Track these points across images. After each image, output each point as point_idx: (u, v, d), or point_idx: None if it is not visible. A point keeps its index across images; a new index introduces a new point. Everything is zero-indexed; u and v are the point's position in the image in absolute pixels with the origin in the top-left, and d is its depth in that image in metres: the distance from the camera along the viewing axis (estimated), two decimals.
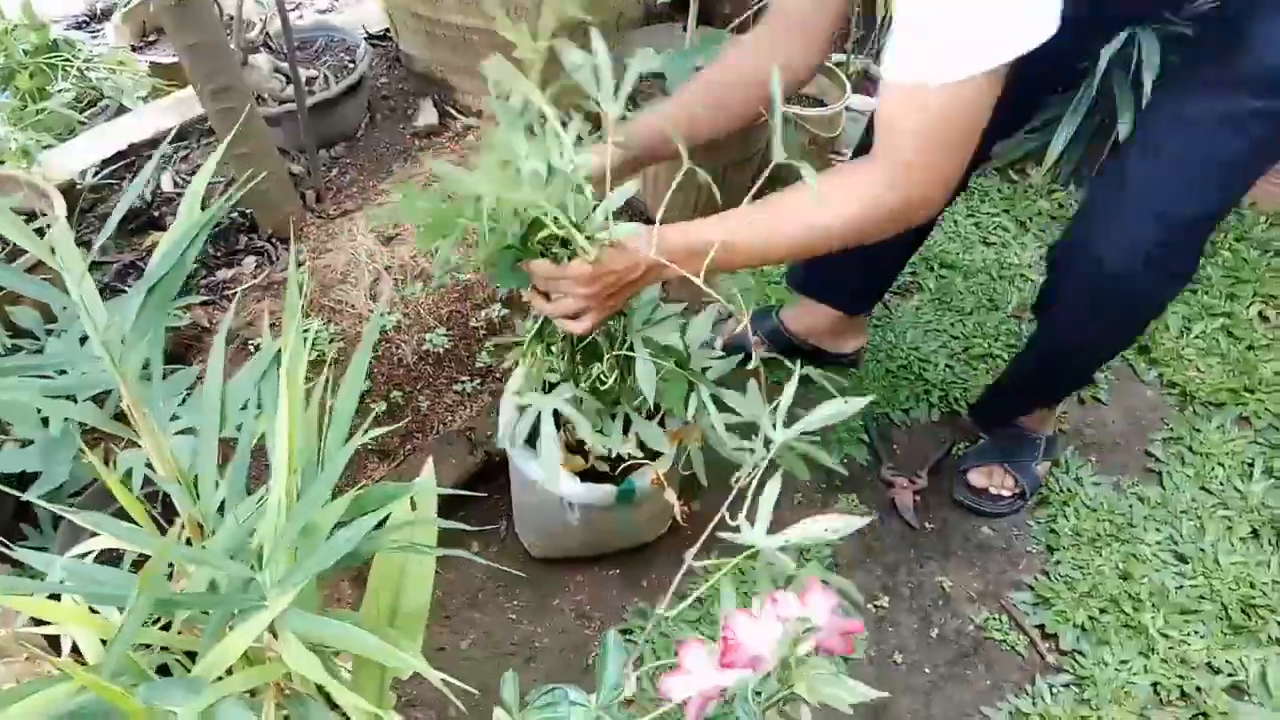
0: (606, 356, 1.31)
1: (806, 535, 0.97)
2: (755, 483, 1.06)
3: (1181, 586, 1.59)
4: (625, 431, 1.43)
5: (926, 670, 1.50)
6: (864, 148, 1.31)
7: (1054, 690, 1.47)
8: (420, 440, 1.65)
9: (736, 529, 1.01)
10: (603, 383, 1.32)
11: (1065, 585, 1.60)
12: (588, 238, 1.07)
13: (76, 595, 0.78)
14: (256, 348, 1.66)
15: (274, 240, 1.92)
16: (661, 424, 1.42)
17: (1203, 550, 1.64)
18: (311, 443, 0.76)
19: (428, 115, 2.24)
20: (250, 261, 1.89)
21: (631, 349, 1.26)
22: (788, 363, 1.20)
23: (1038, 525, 1.70)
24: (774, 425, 1.09)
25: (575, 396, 1.34)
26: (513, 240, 1.08)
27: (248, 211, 1.97)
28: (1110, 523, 1.68)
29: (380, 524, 0.91)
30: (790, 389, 1.11)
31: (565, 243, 1.08)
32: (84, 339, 1.29)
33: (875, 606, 1.58)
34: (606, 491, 1.39)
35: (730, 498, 1.09)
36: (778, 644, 0.66)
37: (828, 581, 0.72)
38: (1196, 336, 2.01)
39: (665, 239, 1.07)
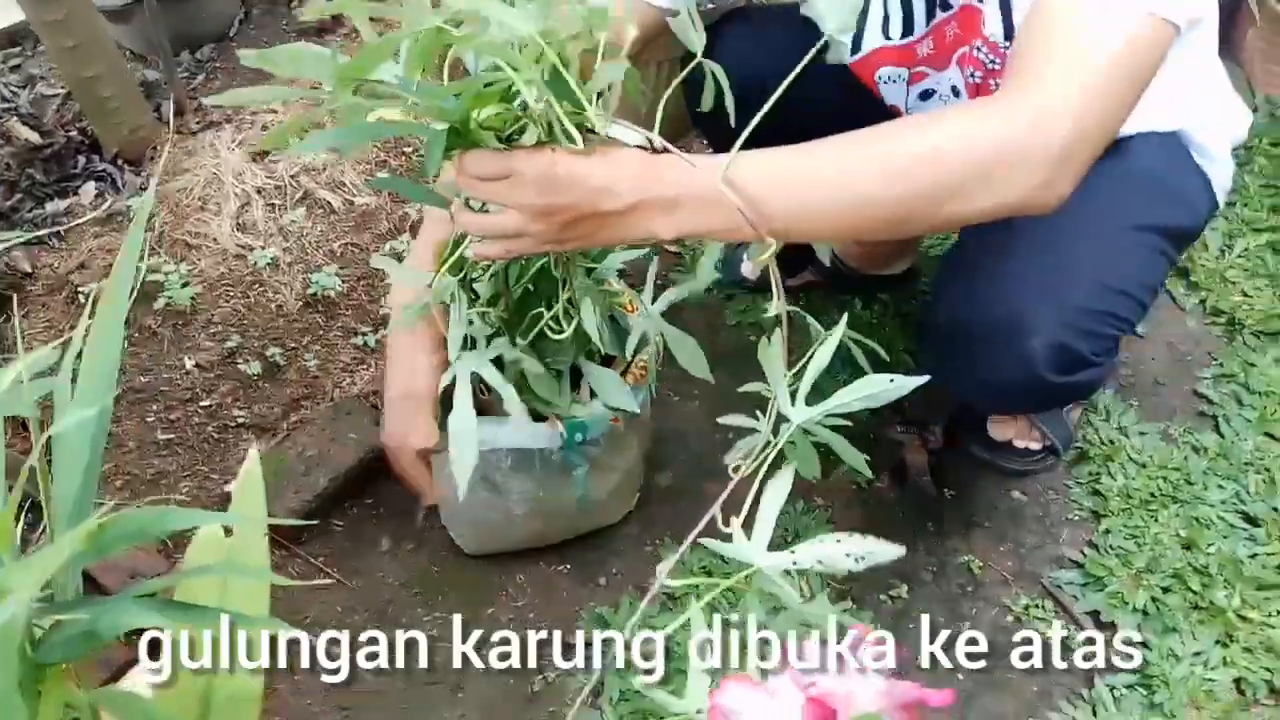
0: (561, 297, 0.97)
1: (823, 559, 0.69)
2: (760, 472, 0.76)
3: (1255, 555, 1.31)
4: (576, 388, 1.11)
5: (960, 678, 1.20)
6: None
7: (1117, 694, 1.18)
8: (309, 409, 1.29)
9: (727, 537, 0.71)
10: (554, 330, 0.98)
11: (1119, 560, 1.30)
12: (578, 127, 0.74)
13: None
14: (87, 296, 1.28)
15: (120, 162, 1.52)
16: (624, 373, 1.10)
17: (1275, 510, 1.35)
18: None
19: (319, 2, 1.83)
20: (90, 189, 1.50)
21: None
22: (815, 324, 0.88)
23: (1078, 486, 1.40)
24: (792, 400, 0.80)
25: (502, 356, 1.00)
26: (453, 112, 0.73)
27: (88, 128, 1.57)
28: (1165, 480, 1.39)
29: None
30: (826, 349, 0.80)
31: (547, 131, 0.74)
32: None
33: (890, 598, 1.27)
34: (547, 434, 1.05)
35: (726, 491, 0.77)
36: None
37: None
38: (1239, 255, 1.72)
39: (741, 162, 0.78)
